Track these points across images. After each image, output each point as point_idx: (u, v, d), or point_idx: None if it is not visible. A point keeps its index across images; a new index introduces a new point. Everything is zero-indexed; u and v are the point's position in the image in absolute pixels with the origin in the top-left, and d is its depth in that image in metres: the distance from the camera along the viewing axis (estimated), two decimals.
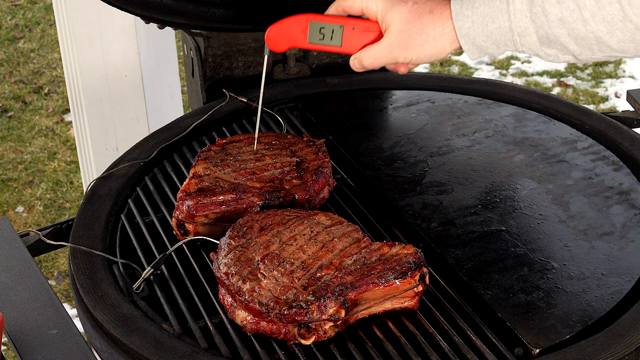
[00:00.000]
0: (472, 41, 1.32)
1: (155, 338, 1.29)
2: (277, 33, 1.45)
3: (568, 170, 1.63)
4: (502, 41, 1.30)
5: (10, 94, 4.51)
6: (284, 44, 1.45)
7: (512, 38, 1.29)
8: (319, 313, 1.23)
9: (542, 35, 1.26)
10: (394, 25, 1.36)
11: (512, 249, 1.42)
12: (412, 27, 1.35)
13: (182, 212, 1.45)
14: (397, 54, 1.37)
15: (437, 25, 1.34)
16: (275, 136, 1.61)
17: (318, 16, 1.43)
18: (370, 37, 1.41)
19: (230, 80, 1.97)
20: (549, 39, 1.26)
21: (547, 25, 1.24)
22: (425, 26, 1.34)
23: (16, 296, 1.43)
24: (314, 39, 1.44)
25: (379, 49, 1.39)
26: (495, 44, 1.31)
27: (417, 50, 1.36)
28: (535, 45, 1.28)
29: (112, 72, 2.69)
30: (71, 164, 3.94)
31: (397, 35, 1.36)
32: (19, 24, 5.17)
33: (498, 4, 1.28)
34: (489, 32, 1.30)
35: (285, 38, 1.45)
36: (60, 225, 1.66)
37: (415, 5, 1.35)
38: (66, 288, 3.26)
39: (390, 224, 1.52)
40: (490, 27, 1.29)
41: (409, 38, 1.35)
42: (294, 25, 1.44)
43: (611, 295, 1.32)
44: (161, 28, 1.86)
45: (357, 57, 1.42)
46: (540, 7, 1.24)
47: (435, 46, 1.35)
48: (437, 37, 1.34)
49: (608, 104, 4.28)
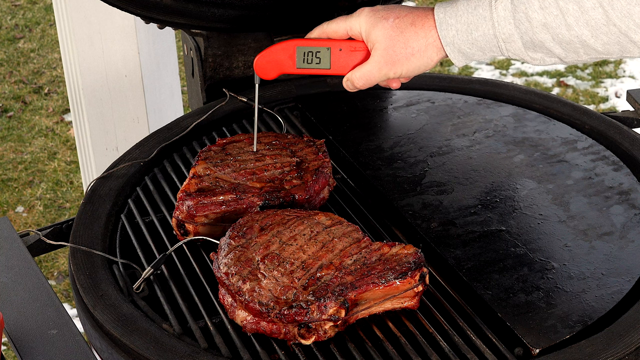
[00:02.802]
0: (457, 49, 1.33)
1: (155, 338, 1.29)
2: (265, 61, 1.47)
3: (568, 170, 1.63)
4: (488, 47, 1.31)
5: (10, 94, 4.51)
6: (273, 72, 1.47)
7: (497, 44, 1.30)
8: (319, 313, 1.23)
9: (526, 41, 1.27)
10: (379, 42, 1.37)
11: (512, 249, 1.42)
12: (396, 43, 1.36)
13: (182, 212, 1.45)
14: (387, 71, 1.39)
15: (420, 37, 1.35)
16: (275, 136, 1.61)
17: (304, 41, 1.45)
18: (358, 57, 1.42)
19: (230, 80, 1.97)
20: (534, 44, 1.27)
21: (531, 31, 1.25)
22: (409, 40, 1.35)
23: (16, 296, 1.43)
24: (302, 63, 1.45)
25: (368, 69, 1.40)
26: (480, 51, 1.32)
27: (405, 65, 1.37)
28: (520, 50, 1.29)
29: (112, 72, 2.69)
30: (71, 164, 3.94)
31: (383, 53, 1.37)
32: (19, 24, 5.17)
33: (481, 12, 1.29)
34: (474, 39, 1.31)
35: (274, 65, 1.47)
36: (60, 225, 1.66)
37: (397, 20, 1.36)
38: (66, 288, 3.26)
39: (390, 224, 1.52)
40: (474, 35, 1.30)
41: (394, 54, 1.36)
42: (280, 52, 1.46)
43: (611, 295, 1.32)
44: (161, 28, 1.86)
45: (349, 79, 1.43)
46: (523, 13, 1.24)
47: (422, 57, 1.36)
48: (422, 48, 1.35)
49: (608, 104, 4.28)
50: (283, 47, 1.45)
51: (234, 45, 1.94)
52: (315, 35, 1.46)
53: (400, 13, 1.37)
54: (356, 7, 1.92)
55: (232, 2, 1.79)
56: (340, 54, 1.43)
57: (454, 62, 1.35)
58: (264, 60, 1.47)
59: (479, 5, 1.29)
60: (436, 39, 1.34)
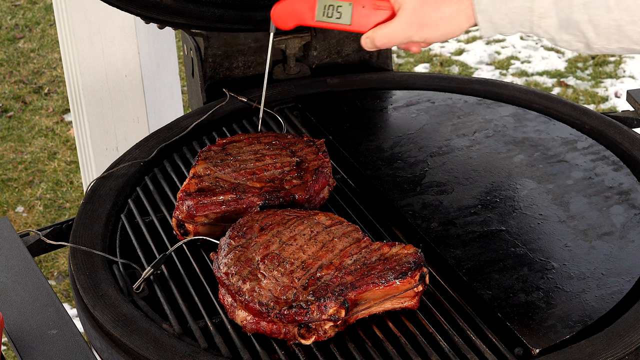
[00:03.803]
0: (489, 18, 1.28)
1: (155, 338, 1.29)
2: (284, 10, 1.42)
3: (568, 170, 1.63)
4: (519, 21, 1.27)
5: (10, 94, 4.51)
6: (290, 21, 1.42)
7: (531, 19, 1.25)
8: (319, 313, 1.23)
9: (562, 19, 1.23)
10: (407, 3, 1.32)
11: (512, 249, 1.42)
12: (427, 5, 1.31)
13: (182, 212, 1.45)
14: (412, 33, 1.34)
15: (452, 2, 1.30)
16: (275, 136, 1.61)
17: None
18: (381, 16, 1.38)
19: (230, 80, 1.97)
20: (569, 23, 1.23)
21: (569, 9, 1.21)
22: (440, 3, 1.30)
23: (16, 296, 1.43)
24: (322, 16, 1.40)
25: (392, 28, 1.35)
26: (511, 23, 1.27)
27: (433, 29, 1.32)
28: (552, 28, 1.24)
29: (112, 72, 2.69)
30: (71, 164, 3.94)
31: (411, 14, 1.32)
32: (19, 24, 5.17)
33: None
34: (508, 10, 1.26)
35: (293, 15, 1.42)
36: (60, 225, 1.66)
37: None
38: (66, 288, 3.26)
39: (390, 224, 1.52)
40: (510, 5, 1.25)
41: (423, 16, 1.32)
42: (301, 2, 1.41)
43: (611, 295, 1.32)
44: (161, 28, 1.86)
45: (370, 37, 1.38)
46: None
47: (451, 23, 1.31)
48: (452, 14, 1.30)
49: (608, 104, 4.28)
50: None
51: (234, 45, 1.94)
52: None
53: None
54: None
55: (232, 2, 1.79)
56: (362, 11, 1.38)
57: (481, 31, 1.30)
58: (282, 9, 1.42)
59: None
60: (469, 6, 1.29)
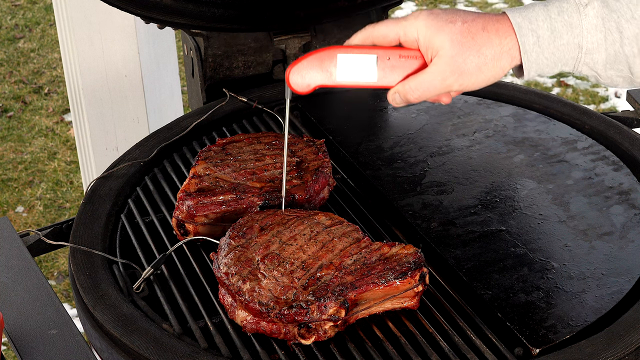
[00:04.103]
0: (534, 58, 1.18)
1: (155, 338, 1.29)
2: (300, 72, 1.23)
3: (568, 170, 1.63)
4: (564, 59, 1.18)
5: (10, 94, 4.51)
6: (309, 85, 1.24)
7: (578, 56, 1.17)
8: (319, 313, 1.23)
9: (610, 54, 1.16)
10: (445, 49, 1.19)
11: (512, 249, 1.42)
12: (467, 49, 1.18)
13: (182, 212, 1.45)
14: (451, 82, 1.20)
15: (495, 43, 1.18)
16: (275, 136, 1.61)
17: (346, 48, 1.23)
18: (410, 67, 1.23)
19: (230, 80, 1.97)
20: (616, 57, 1.16)
21: (619, 42, 1.14)
22: (482, 46, 1.18)
23: (16, 296, 1.43)
24: (344, 75, 1.23)
25: (427, 79, 1.21)
26: (555, 62, 1.19)
27: (475, 75, 1.20)
28: (600, 64, 1.17)
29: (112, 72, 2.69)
30: (71, 164, 3.94)
31: (450, 61, 1.19)
32: (19, 24, 5.17)
33: (567, 18, 1.16)
34: (555, 48, 1.17)
35: (311, 77, 1.23)
36: (60, 225, 1.66)
37: (466, 24, 1.19)
38: (66, 288, 3.26)
39: (390, 224, 1.52)
40: (557, 43, 1.17)
41: (463, 62, 1.18)
42: (319, 61, 1.23)
43: (611, 295, 1.32)
44: (161, 28, 1.86)
45: (400, 91, 1.24)
46: (615, 22, 1.14)
47: (494, 67, 1.19)
48: (495, 56, 1.19)
49: (608, 104, 4.28)
50: (321, 55, 1.23)
51: (234, 45, 1.94)
52: (358, 41, 1.25)
53: (467, 17, 1.20)
54: (356, 7, 1.93)
55: (232, 2, 1.79)
56: (388, 63, 1.22)
57: (525, 72, 1.20)
58: (299, 71, 1.23)
59: (563, 11, 1.16)
60: (513, 46, 1.18)
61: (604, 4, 1.15)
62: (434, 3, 5.44)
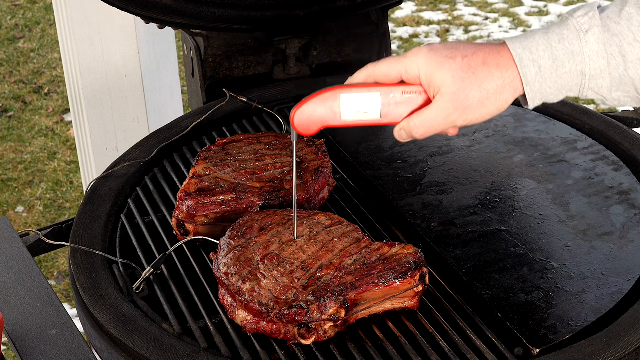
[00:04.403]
0: (538, 88, 1.17)
1: (155, 338, 1.29)
2: (304, 114, 1.22)
3: (568, 170, 1.63)
4: (569, 86, 1.17)
5: (10, 94, 4.51)
6: (314, 126, 1.23)
7: (581, 82, 1.16)
8: (319, 313, 1.23)
9: (615, 78, 1.14)
10: (446, 86, 1.18)
11: (512, 249, 1.42)
12: (469, 85, 1.17)
13: (182, 212, 1.45)
14: (455, 118, 1.20)
15: (496, 77, 1.17)
16: (275, 136, 1.61)
17: (349, 87, 1.23)
18: (414, 103, 1.22)
19: (230, 80, 1.97)
20: (622, 81, 1.14)
21: (623, 66, 1.13)
22: (483, 80, 1.17)
23: (16, 296, 1.43)
24: (348, 114, 1.22)
25: (431, 116, 1.20)
26: (559, 90, 1.18)
27: (478, 110, 1.19)
28: (604, 89, 1.16)
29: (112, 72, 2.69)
30: (71, 164, 3.94)
31: (452, 97, 1.18)
32: (19, 24, 5.17)
33: (568, 46, 1.14)
34: (558, 77, 1.16)
35: (316, 119, 1.23)
36: (60, 225, 1.66)
37: (466, 59, 1.17)
38: (66, 288, 3.26)
39: (390, 224, 1.52)
40: (560, 72, 1.16)
41: (466, 98, 1.17)
42: (322, 102, 1.22)
43: (611, 295, 1.32)
44: (161, 28, 1.86)
45: (405, 128, 1.23)
46: (617, 47, 1.12)
47: (498, 100, 1.18)
48: (497, 90, 1.17)
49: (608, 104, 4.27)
50: (324, 97, 1.22)
51: (234, 45, 1.94)
52: (360, 80, 1.24)
53: (467, 51, 1.18)
54: (356, 7, 1.93)
55: (232, 2, 1.79)
56: (392, 100, 1.22)
57: (528, 102, 1.19)
58: (303, 113, 1.22)
59: (564, 38, 1.15)
60: (515, 78, 1.17)
61: (605, 28, 1.13)
62: (434, 3, 5.45)
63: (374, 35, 2.06)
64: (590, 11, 1.15)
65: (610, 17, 1.14)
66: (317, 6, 1.89)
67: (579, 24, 1.15)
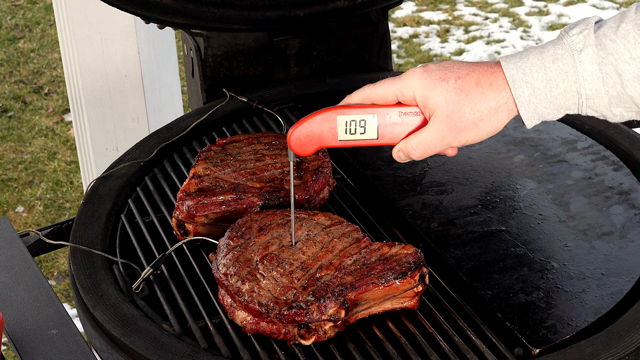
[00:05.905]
0: (532, 109, 1.16)
1: (155, 338, 1.29)
2: (301, 135, 1.24)
3: (568, 170, 1.63)
4: (566, 106, 1.16)
5: (10, 94, 4.51)
6: (311, 146, 1.25)
7: (578, 101, 1.15)
8: (318, 313, 1.23)
9: (612, 96, 1.13)
10: (440, 108, 1.18)
11: (512, 249, 1.42)
12: (461, 107, 1.17)
13: (182, 212, 1.45)
14: (450, 140, 1.20)
15: (489, 98, 1.17)
16: (275, 136, 1.61)
17: (345, 108, 1.24)
18: (411, 123, 1.23)
19: (230, 80, 1.97)
20: (620, 99, 1.13)
21: (620, 84, 1.12)
22: (477, 103, 1.17)
23: (16, 296, 1.43)
24: (345, 134, 1.24)
25: (427, 137, 1.20)
26: (556, 109, 1.17)
27: (472, 131, 1.19)
28: (603, 107, 1.14)
29: (112, 72, 2.69)
30: (71, 164, 3.94)
31: (446, 119, 1.18)
32: (19, 24, 5.17)
33: (562, 66, 1.14)
34: (552, 97, 1.15)
35: (312, 140, 1.24)
36: (60, 225, 1.66)
37: (459, 81, 1.17)
38: (66, 288, 3.26)
39: (390, 224, 1.52)
40: (554, 93, 1.15)
41: (459, 120, 1.17)
42: (319, 123, 1.24)
43: (611, 295, 1.32)
44: (161, 28, 1.86)
45: (402, 149, 1.24)
46: (612, 65, 1.11)
47: (492, 121, 1.18)
48: (491, 111, 1.17)
49: None
50: (322, 117, 1.24)
51: (234, 45, 1.94)
52: (357, 100, 1.25)
53: (460, 72, 1.18)
54: (356, 7, 1.93)
55: (232, 2, 1.79)
56: (388, 122, 1.23)
57: (525, 123, 1.18)
58: (300, 134, 1.24)
59: (558, 58, 1.14)
60: (508, 99, 1.16)
61: (600, 47, 1.12)
62: (434, 3, 5.45)
63: (374, 35, 2.06)
64: (585, 29, 1.13)
65: (606, 34, 1.12)
66: (317, 6, 1.89)
67: (573, 43, 1.13)
